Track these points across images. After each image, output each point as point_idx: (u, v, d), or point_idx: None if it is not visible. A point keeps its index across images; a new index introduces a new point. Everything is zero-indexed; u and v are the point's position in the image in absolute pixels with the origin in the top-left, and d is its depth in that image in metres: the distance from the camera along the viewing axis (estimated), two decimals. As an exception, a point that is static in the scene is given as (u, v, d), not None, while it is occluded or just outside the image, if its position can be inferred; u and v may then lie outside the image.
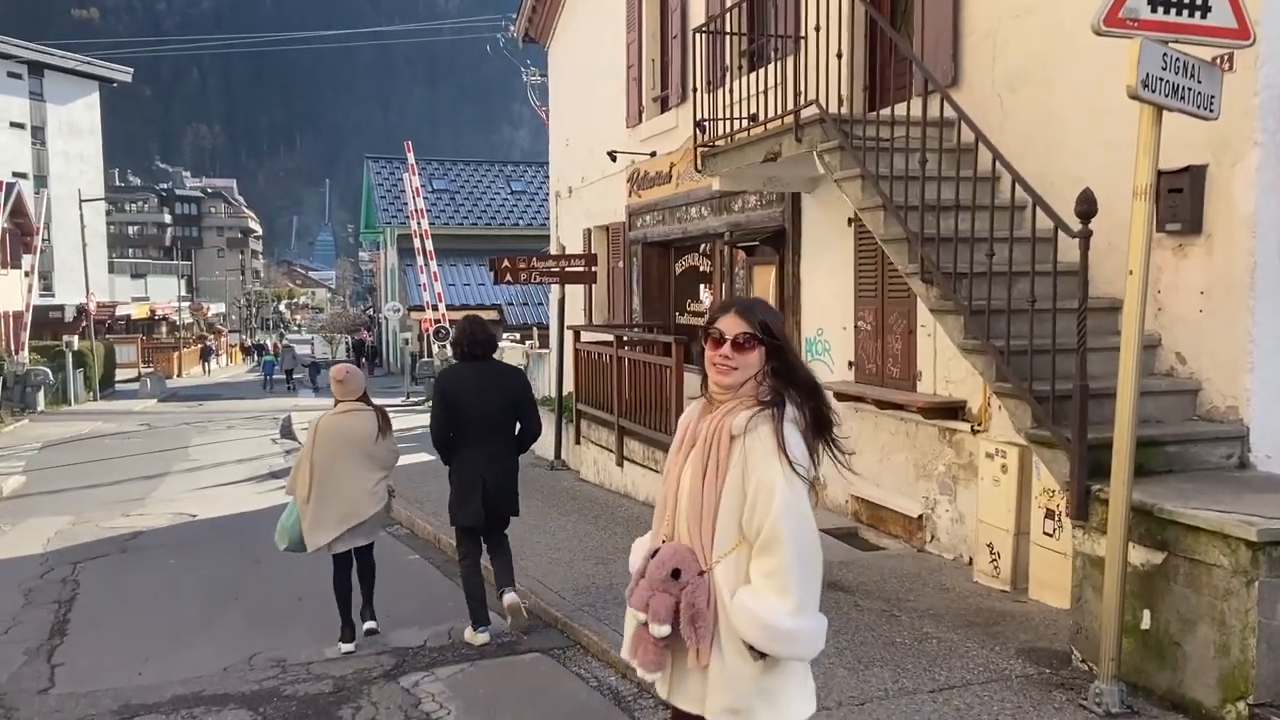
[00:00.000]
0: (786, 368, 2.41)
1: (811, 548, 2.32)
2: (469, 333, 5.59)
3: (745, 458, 2.31)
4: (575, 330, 11.61)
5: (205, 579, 7.90)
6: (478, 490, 5.44)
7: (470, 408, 5.40)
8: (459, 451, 5.51)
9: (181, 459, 16.56)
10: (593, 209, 14.03)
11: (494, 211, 42.95)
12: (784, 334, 2.46)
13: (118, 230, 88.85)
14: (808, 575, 2.29)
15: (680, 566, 2.37)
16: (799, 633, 2.28)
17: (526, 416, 5.66)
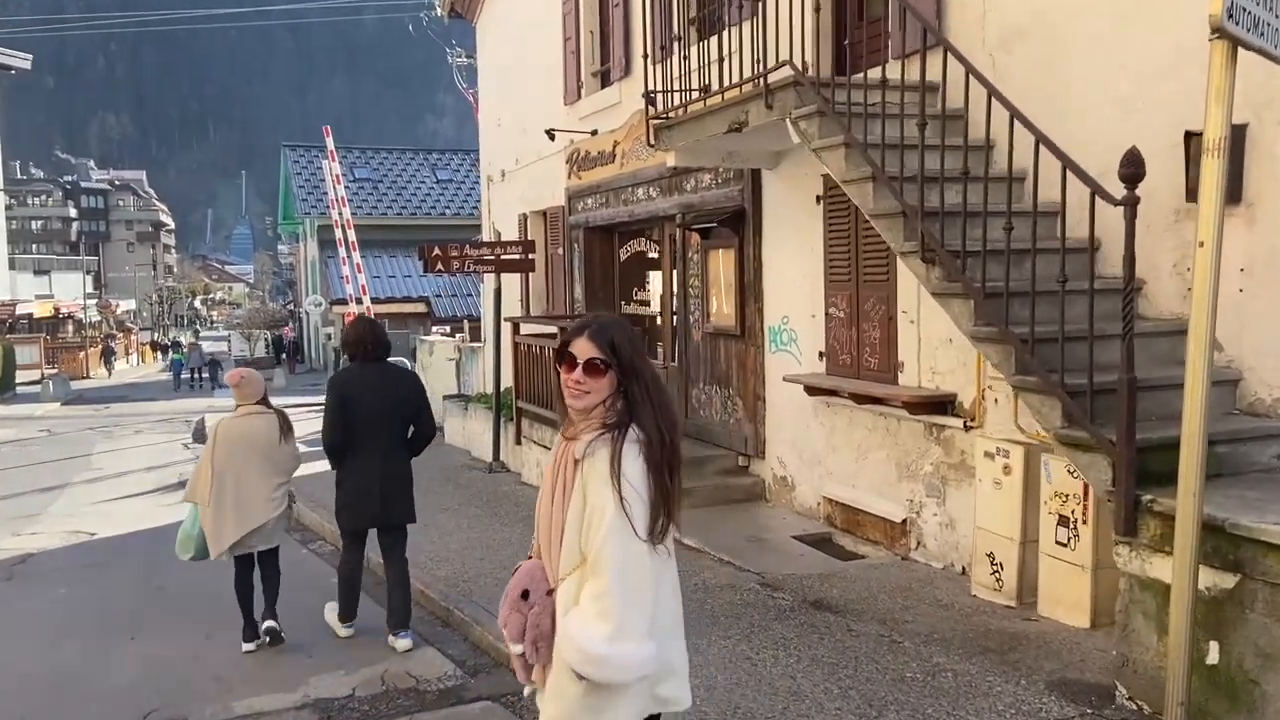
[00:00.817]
0: (640, 390, 2.39)
1: (637, 573, 2.29)
2: (363, 334, 5.51)
3: (586, 480, 2.34)
4: (514, 322, 10.81)
5: (99, 611, 6.92)
6: (372, 495, 5.32)
7: (364, 411, 5.28)
8: (351, 456, 5.35)
9: (83, 469, 15.27)
10: (528, 193, 13.20)
11: (419, 201, 41.58)
12: (635, 356, 2.42)
13: (20, 225, 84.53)
14: (631, 601, 2.28)
15: (530, 587, 2.43)
16: (612, 658, 2.27)
17: (420, 419, 5.55)
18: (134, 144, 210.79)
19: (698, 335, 8.83)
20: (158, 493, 12.65)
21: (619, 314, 11.21)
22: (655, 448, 2.34)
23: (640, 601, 2.30)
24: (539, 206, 12.98)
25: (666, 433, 2.39)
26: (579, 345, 2.42)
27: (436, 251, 11.26)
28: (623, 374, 2.39)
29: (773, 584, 5.81)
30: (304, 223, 42.13)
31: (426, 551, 7.38)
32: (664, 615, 2.38)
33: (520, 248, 11.71)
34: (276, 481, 5.55)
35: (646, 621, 2.30)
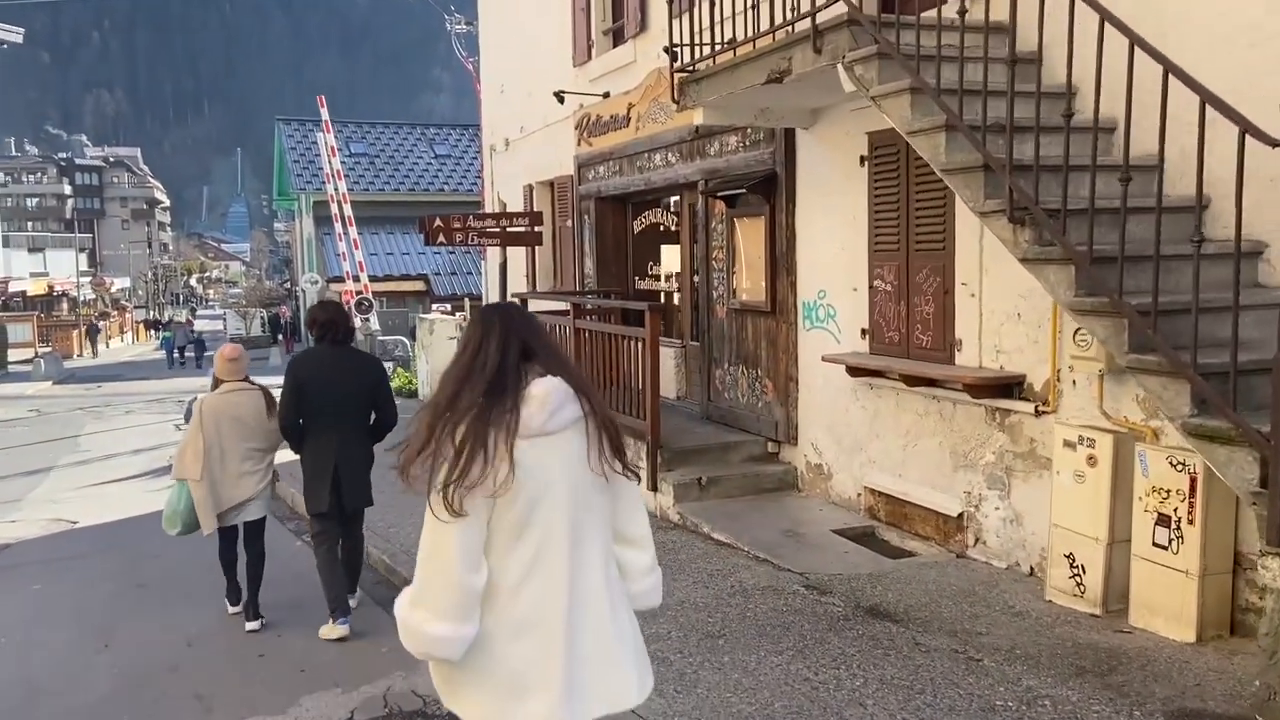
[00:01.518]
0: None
1: (434, 546, 2.26)
2: (335, 317, 5.50)
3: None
4: (522, 299, 10.16)
5: (74, 613, 6.32)
6: (328, 477, 5.25)
7: (322, 394, 5.24)
8: (309, 438, 5.31)
9: (70, 451, 14.67)
10: (534, 162, 12.53)
11: (417, 176, 40.72)
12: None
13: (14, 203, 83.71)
14: (429, 572, 2.28)
15: None
16: (407, 623, 2.31)
17: (382, 405, 5.46)
18: (128, 121, 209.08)
19: (722, 312, 8.20)
20: (145, 477, 12.05)
21: (633, 289, 10.58)
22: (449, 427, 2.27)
23: (439, 575, 2.24)
24: (546, 176, 12.30)
25: (468, 406, 2.28)
26: None
27: (438, 223, 10.60)
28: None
29: (819, 586, 5.22)
30: (299, 199, 41.23)
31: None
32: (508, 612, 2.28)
33: (526, 220, 11.05)
34: (262, 456, 5.63)
35: (444, 596, 2.23)
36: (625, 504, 2.49)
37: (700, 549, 6.19)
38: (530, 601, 2.27)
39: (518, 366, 2.33)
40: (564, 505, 2.30)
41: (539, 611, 2.28)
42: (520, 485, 2.22)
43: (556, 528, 2.28)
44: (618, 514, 2.47)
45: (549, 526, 2.27)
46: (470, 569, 2.22)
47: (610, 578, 2.42)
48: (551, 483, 2.28)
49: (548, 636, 2.28)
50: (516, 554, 2.26)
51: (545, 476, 2.27)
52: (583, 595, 2.32)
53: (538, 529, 2.26)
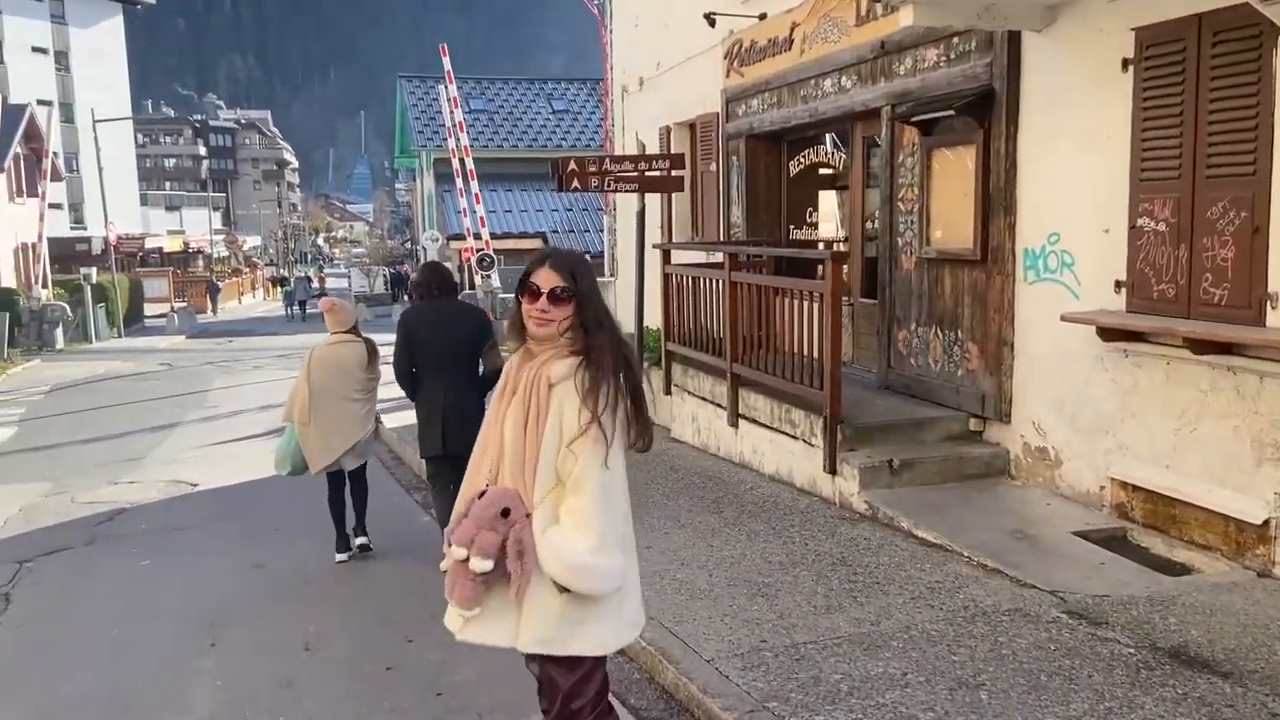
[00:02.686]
0: (594, 319, 2.52)
1: (612, 489, 2.46)
2: (431, 275, 5.80)
3: (562, 405, 2.43)
4: (664, 250, 9.09)
5: (181, 596, 5.65)
6: (438, 422, 5.44)
7: (429, 345, 5.50)
8: (421, 387, 5.55)
9: (197, 406, 14.43)
10: (673, 101, 11.38)
11: (535, 132, 40.08)
12: (591, 285, 2.56)
13: (153, 163, 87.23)
14: (608, 515, 2.44)
15: (510, 506, 2.47)
16: (597, 568, 2.42)
17: (485, 353, 5.66)
18: (259, 85, 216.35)
19: (909, 263, 6.94)
20: (268, 436, 11.55)
21: (788, 240, 9.38)
22: (620, 370, 2.49)
23: (615, 517, 2.48)
24: (686, 116, 11.15)
25: (623, 356, 2.53)
26: (542, 275, 2.51)
27: (572, 166, 9.57)
28: (581, 301, 2.50)
29: (1085, 613, 4.02)
30: (420, 156, 41.18)
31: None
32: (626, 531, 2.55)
33: (667, 162, 9.92)
34: (364, 404, 5.98)
35: (619, 536, 2.49)
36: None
37: (904, 550, 5.05)
38: (628, 519, 2.58)
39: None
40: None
41: (630, 527, 2.59)
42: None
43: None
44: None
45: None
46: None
47: None
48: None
49: (632, 549, 2.60)
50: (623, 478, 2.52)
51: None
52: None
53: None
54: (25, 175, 28.45)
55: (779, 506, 6.21)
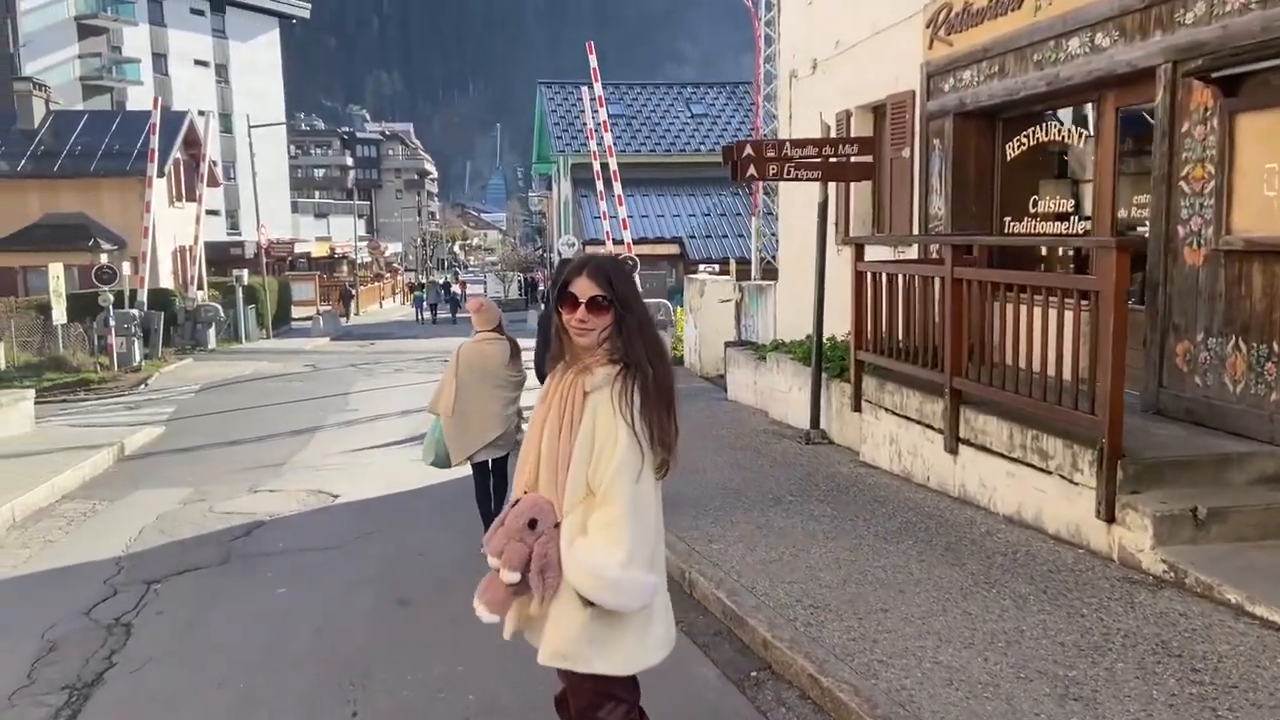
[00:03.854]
0: (634, 325, 2.44)
1: (644, 504, 2.36)
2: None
3: (596, 413, 2.37)
4: (858, 245, 7.89)
5: (319, 640, 4.82)
6: None
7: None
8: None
9: (339, 409, 14.02)
10: (855, 82, 10.18)
11: (673, 136, 39.28)
12: (630, 293, 2.48)
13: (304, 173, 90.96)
14: (639, 530, 2.34)
15: (538, 517, 2.43)
16: (625, 583, 2.32)
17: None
18: (403, 99, 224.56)
19: (1194, 257, 5.56)
20: (410, 443, 10.90)
21: (1003, 234, 8.05)
22: (657, 382, 2.39)
23: (646, 532, 2.37)
24: (871, 98, 9.93)
25: (661, 367, 2.43)
26: (580, 284, 2.46)
27: (748, 152, 8.51)
28: (620, 310, 2.43)
29: None
30: (558, 161, 41.01)
31: (782, 588, 4.73)
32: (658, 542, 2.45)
33: (855, 146, 8.74)
34: (507, 399, 6.14)
35: (650, 552, 2.38)
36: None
37: (1247, 636, 3.74)
38: (660, 537, 2.46)
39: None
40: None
41: (661, 542, 2.48)
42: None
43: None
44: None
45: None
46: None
47: None
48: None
49: (662, 566, 2.49)
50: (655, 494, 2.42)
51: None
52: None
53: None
54: (185, 180, 29.39)
55: (1035, 560, 4.94)
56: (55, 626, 5.14)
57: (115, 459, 10.38)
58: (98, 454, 10.02)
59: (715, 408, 11.42)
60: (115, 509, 8.18)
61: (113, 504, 8.36)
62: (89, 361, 19.20)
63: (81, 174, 26.50)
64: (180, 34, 48.00)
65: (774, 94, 20.13)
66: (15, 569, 6.41)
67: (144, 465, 10.24)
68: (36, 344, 19.91)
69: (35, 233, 25.85)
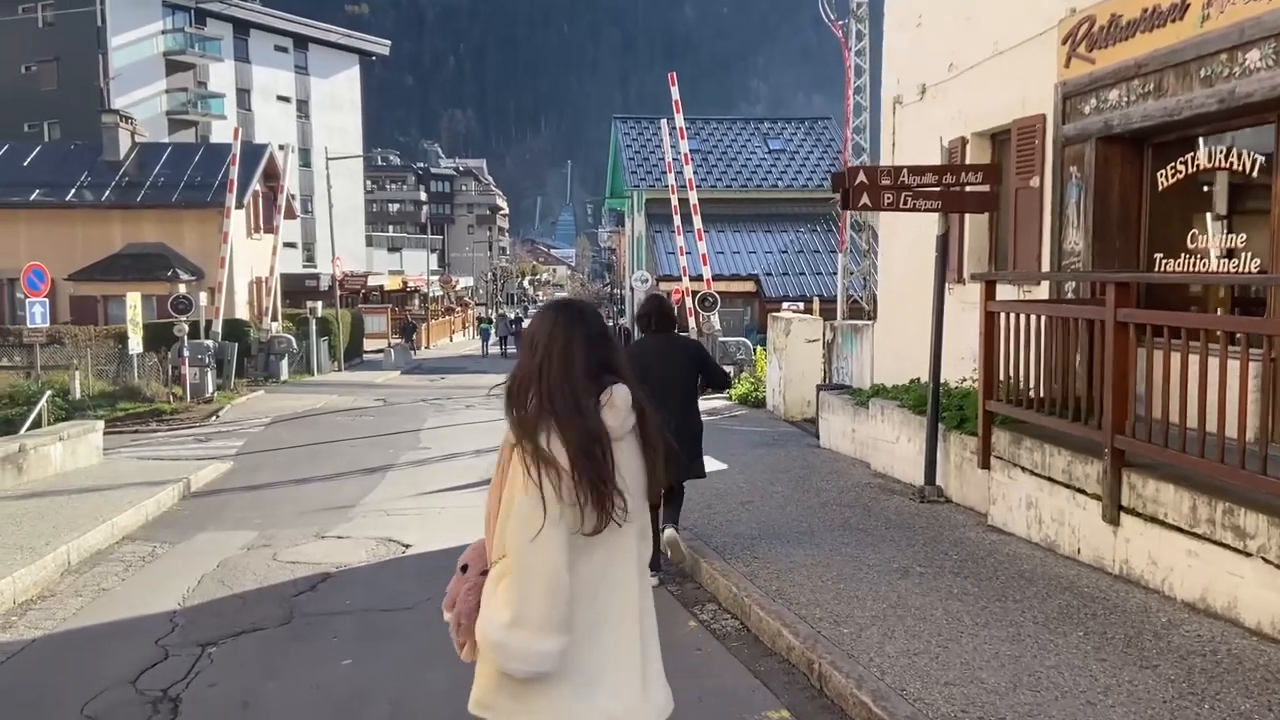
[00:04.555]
0: (546, 375, 2.29)
1: (540, 564, 2.16)
2: (652, 309, 6.28)
3: (515, 464, 2.26)
4: (987, 282, 7.07)
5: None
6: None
7: (653, 375, 5.54)
8: None
9: (410, 446, 13.52)
10: (972, 107, 9.40)
11: (750, 172, 38.71)
12: (539, 340, 2.33)
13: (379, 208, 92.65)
14: (528, 592, 2.17)
15: (469, 562, 2.41)
16: (508, 645, 2.18)
17: (709, 371, 6.27)
18: (477, 137, 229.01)
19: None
20: (484, 487, 10.30)
21: (1149, 273, 7.15)
22: (571, 429, 2.22)
23: (536, 592, 2.16)
24: (990, 123, 9.15)
25: (582, 414, 2.24)
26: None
27: (861, 179, 7.77)
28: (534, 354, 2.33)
29: None
30: (632, 196, 40.70)
31: (938, 690, 3.92)
32: (585, 613, 2.22)
33: (980, 175, 7.95)
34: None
35: (549, 613, 2.16)
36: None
37: None
38: (603, 601, 2.26)
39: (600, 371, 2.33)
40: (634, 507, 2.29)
41: (610, 609, 2.27)
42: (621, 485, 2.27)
43: (627, 529, 2.27)
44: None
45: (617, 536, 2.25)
46: (567, 576, 2.18)
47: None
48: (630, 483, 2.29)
49: (622, 634, 2.28)
50: (596, 554, 2.24)
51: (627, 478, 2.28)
52: (644, 594, 2.35)
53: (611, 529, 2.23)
54: (263, 212, 29.67)
55: (1242, 664, 4.07)
56: (98, 698, 4.56)
57: (180, 496, 9.96)
58: (162, 491, 9.60)
59: (809, 456, 10.61)
60: (176, 553, 7.68)
61: (174, 547, 7.88)
62: (162, 392, 19.14)
63: (163, 205, 26.88)
64: (264, 70, 49.16)
65: (864, 126, 19.43)
66: (64, 622, 5.90)
67: (209, 504, 9.80)
68: (112, 373, 19.96)
69: (117, 262, 26.22)
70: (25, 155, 28.72)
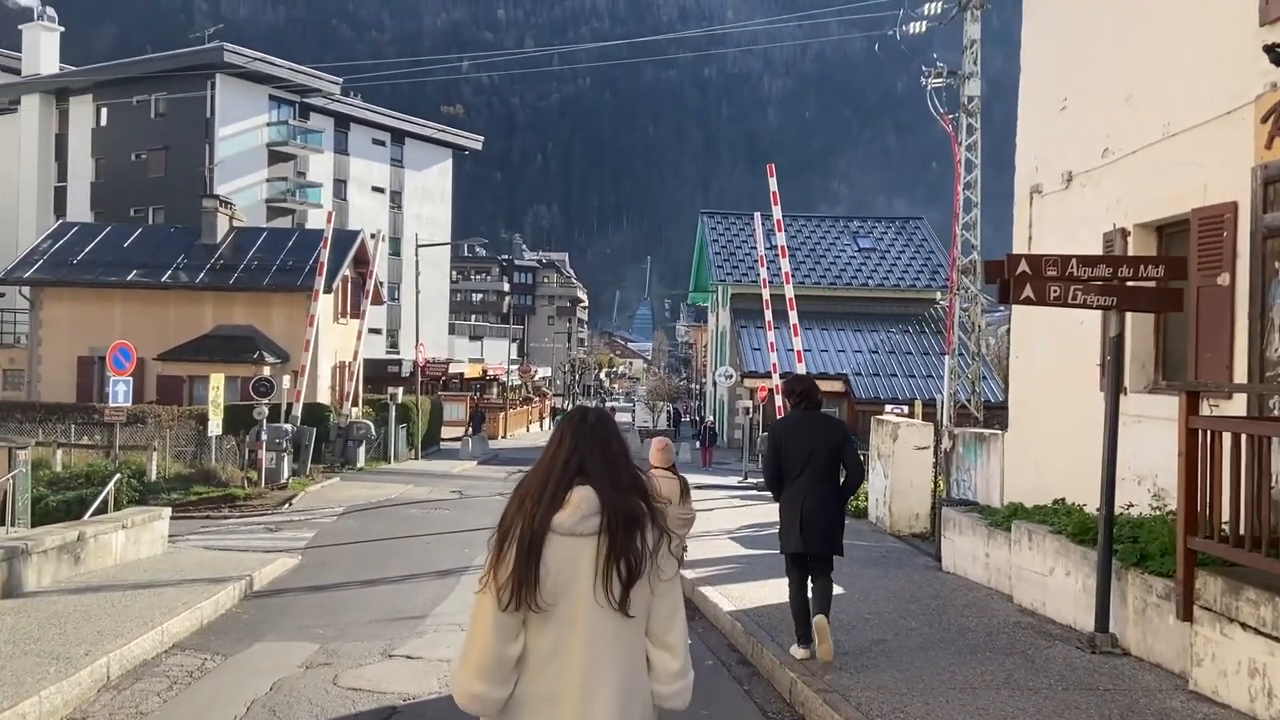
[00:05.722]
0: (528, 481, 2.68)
1: (477, 616, 2.55)
2: (802, 387, 6.53)
3: None
4: (1188, 393, 5.90)
5: None
6: (797, 522, 6.18)
7: (796, 451, 6.19)
8: (786, 489, 6.30)
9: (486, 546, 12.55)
10: (1132, 196, 8.37)
11: (839, 270, 37.88)
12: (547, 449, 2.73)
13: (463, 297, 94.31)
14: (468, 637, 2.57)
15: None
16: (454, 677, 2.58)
17: (849, 462, 6.32)
18: (560, 231, 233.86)
19: None
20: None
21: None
22: (506, 517, 2.60)
23: (473, 645, 2.53)
24: (1158, 214, 8.08)
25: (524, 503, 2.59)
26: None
27: (1023, 268, 6.73)
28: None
29: None
30: (716, 291, 40.14)
31: None
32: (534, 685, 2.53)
33: (1161, 268, 6.85)
34: (680, 531, 6.72)
35: (478, 665, 2.51)
36: (663, 610, 2.62)
37: None
38: (550, 679, 2.52)
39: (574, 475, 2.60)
40: (585, 599, 2.50)
41: (557, 689, 2.51)
42: (545, 576, 2.47)
43: (578, 618, 2.50)
44: (654, 617, 2.61)
45: (571, 615, 2.50)
46: (505, 641, 2.50)
47: (631, 673, 2.58)
48: (576, 579, 2.50)
49: (563, 713, 2.51)
50: (545, 634, 2.52)
51: (572, 572, 2.50)
52: (597, 683, 2.51)
53: (562, 615, 2.50)
54: (350, 297, 29.74)
55: None
56: None
57: (242, 595, 9.16)
58: (222, 590, 8.80)
59: (934, 583, 9.34)
60: (227, 669, 6.80)
61: (226, 660, 7.00)
62: (237, 476, 18.67)
63: (254, 288, 27.09)
64: (361, 162, 50.57)
65: (973, 222, 18.44)
66: (88, 759, 5.01)
67: (271, 606, 8.96)
68: (190, 455, 19.61)
69: (206, 343, 26.34)
70: (126, 237, 29.44)
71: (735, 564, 10.52)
